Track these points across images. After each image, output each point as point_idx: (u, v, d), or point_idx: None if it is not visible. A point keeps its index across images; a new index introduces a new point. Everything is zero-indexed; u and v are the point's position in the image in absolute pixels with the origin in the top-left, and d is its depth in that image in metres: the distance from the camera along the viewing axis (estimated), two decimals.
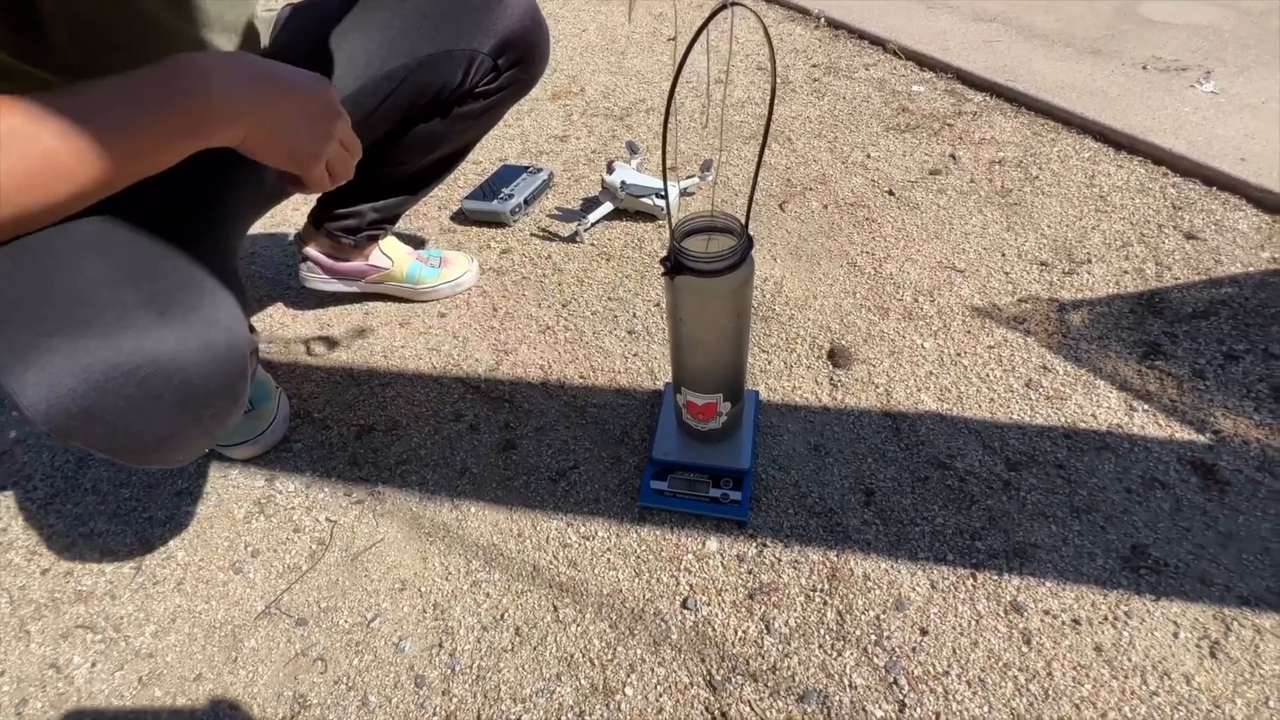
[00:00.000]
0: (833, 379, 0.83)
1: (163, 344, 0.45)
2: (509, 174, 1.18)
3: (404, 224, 1.15)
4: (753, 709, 0.57)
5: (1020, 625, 0.60)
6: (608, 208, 1.10)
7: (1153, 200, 1.04)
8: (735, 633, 0.62)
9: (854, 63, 1.48)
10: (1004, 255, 0.98)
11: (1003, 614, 0.61)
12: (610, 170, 1.09)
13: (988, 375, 0.82)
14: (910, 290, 0.94)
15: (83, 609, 0.68)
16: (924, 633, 0.61)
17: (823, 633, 0.61)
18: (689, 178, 1.14)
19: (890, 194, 1.11)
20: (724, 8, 0.45)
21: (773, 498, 0.72)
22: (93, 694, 0.62)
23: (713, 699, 0.58)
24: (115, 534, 0.75)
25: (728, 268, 0.57)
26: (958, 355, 0.85)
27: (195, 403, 0.47)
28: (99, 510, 0.77)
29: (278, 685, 0.62)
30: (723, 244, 0.58)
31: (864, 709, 0.57)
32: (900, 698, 0.57)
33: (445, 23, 0.71)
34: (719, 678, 0.59)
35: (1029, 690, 0.57)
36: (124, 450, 0.47)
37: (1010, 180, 1.11)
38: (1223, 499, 0.67)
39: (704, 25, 0.46)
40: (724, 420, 0.70)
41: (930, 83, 1.39)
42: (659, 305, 0.96)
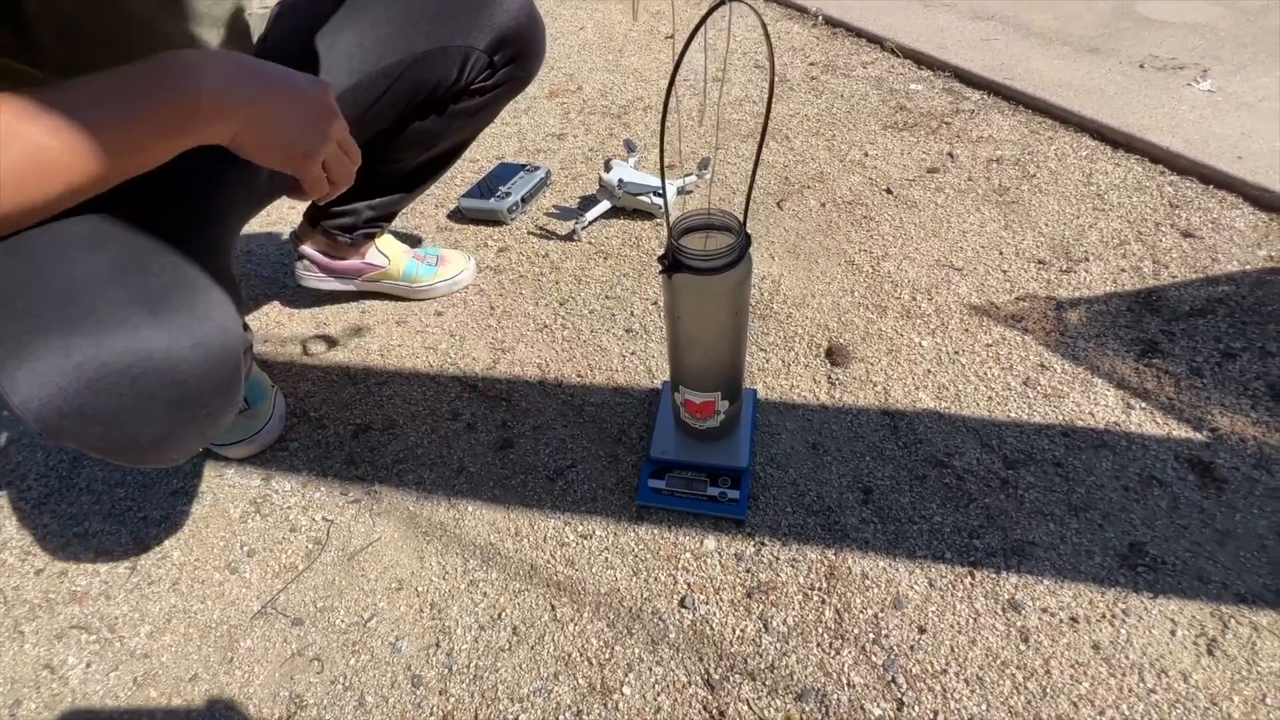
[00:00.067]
0: (831, 377, 0.83)
1: (155, 342, 0.44)
2: (506, 172, 1.17)
3: (401, 222, 1.14)
4: (751, 708, 0.57)
5: (1018, 623, 0.60)
6: (605, 206, 1.10)
7: (1150, 198, 1.04)
8: (733, 631, 0.62)
9: (852, 61, 1.48)
10: (1001, 253, 0.98)
11: (1001, 612, 0.61)
12: (608, 168, 1.08)
13: (986, 373, 0.82)
14: (908, 288, 0.94)
15: (77, 609, 0.68)
16: (922, 631, 0.61)
17: (821, 631, 0.61)
18: (687, 176, 1.14)
19: (888, 192, 1.11)
20: (721, 3, 0.45)
21: (771, 496, 0.72)
22: (87, 695, 0.62)
23: (711, 698, 0.58)
24: (110, 534, 0.74)
25: (725, 265, 0.57)
26: (956, 353, 0.85)
27: (188, 401, 0.47)
28: (94, 510, 0.77)
29: (274, 685, 0.61)
30: (720, 242, 0.58)
31: (862, 707, 0.57)
32: (898, 696, 0.57)
33: (440, 19, 0.71)
34: (717, 676, 0.59)
35: (1027, 688, 0.57)
36: (117, 449, 0.47)
37: (1008, 178, 1.11)
38: (1220, 497, 0.68)
39: (701, 21, 0.46)
40: (722, 419, 0.70)
41: (928, 81, 1.39)
42: (657, 303, 0.96)
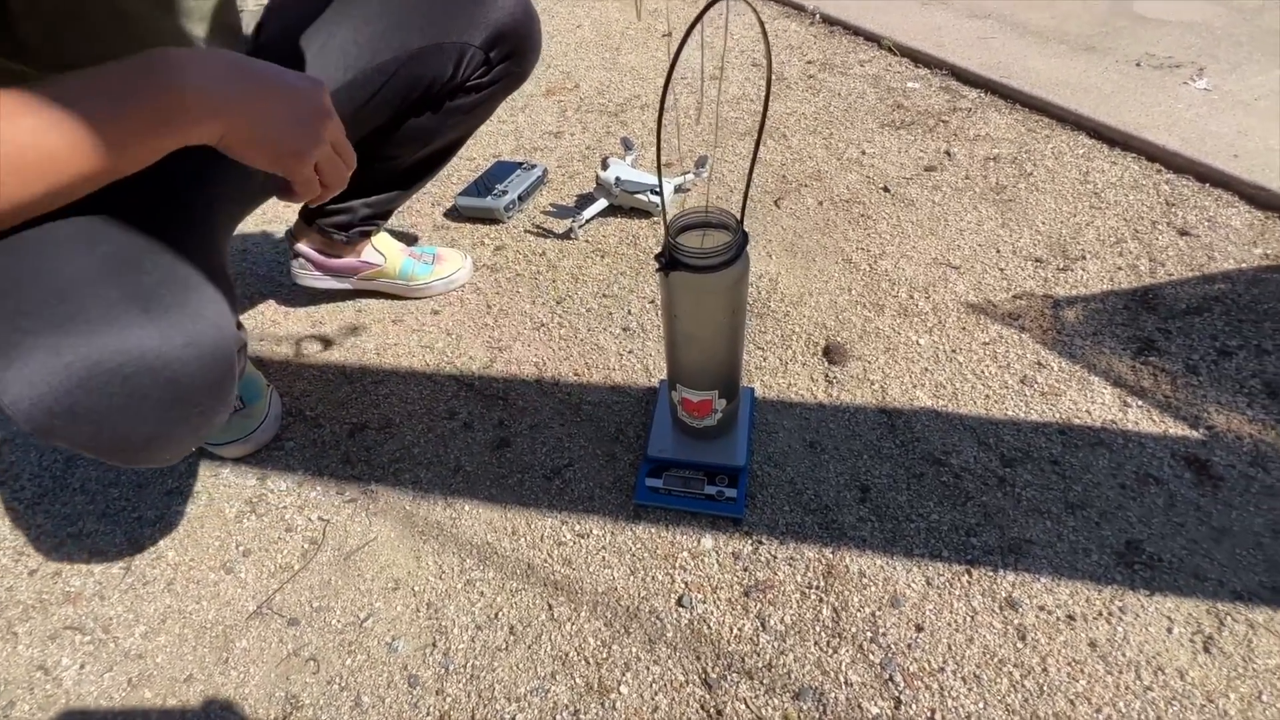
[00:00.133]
0: (828, 375, 0.83)
1: (147, 341, 0.44)
2: (503, 170, 1.17)
3: (397, 220, 1.14)
4: (748, 706, 0.57)
5: (1015, 621, 0.60)
6: (602, 204, 1.09)
7: (1146, 197, 1.04)
8: (731, 630, 0.62)
9: (849, 59, 1.48)
10: (999, 252, 0.98)
11: (998, 610, 0.61)
12: (605, 166, 1.08)
13: (983, 371, 0.82)
14: (905, 287, 0.94)
15: (71, 610, 0.68)
16: (919, 629, 0.61)
17: (818, 630, 0.61)
18: (684, 174, 1.13)
19: (885, 190, 1.11)
20: (716, 0, 0.45)
21: (768, 495, 0.71)
22: (81, 696, 0.61)
23: (708, 697, 0.58)
24: (104, 534, 0.74)
25: (723, 263, 0.56)
26: (953, 352, 0.85)
27: (181, 401, 0.47)
28: (87, 510, 0.76)
29: (269, 686, 0.61)
30: (718, 240, 0.58)
31: (859, 706, 0.57)
32: (896, 694, 0.57)
33: (435, 15, 0.71)
34: (714, 675, 0.59)
35: (1024, 686, 0.57)
36: (109, 449, 0.46)
37: (1005, 177, 1.11)
38: (1216, 494, 0.68)
39: (697, 19, 0.45)
40: (719, 417, 0.70)
41: (925, 79, 1.39)
42: (654, 302, 0.96)
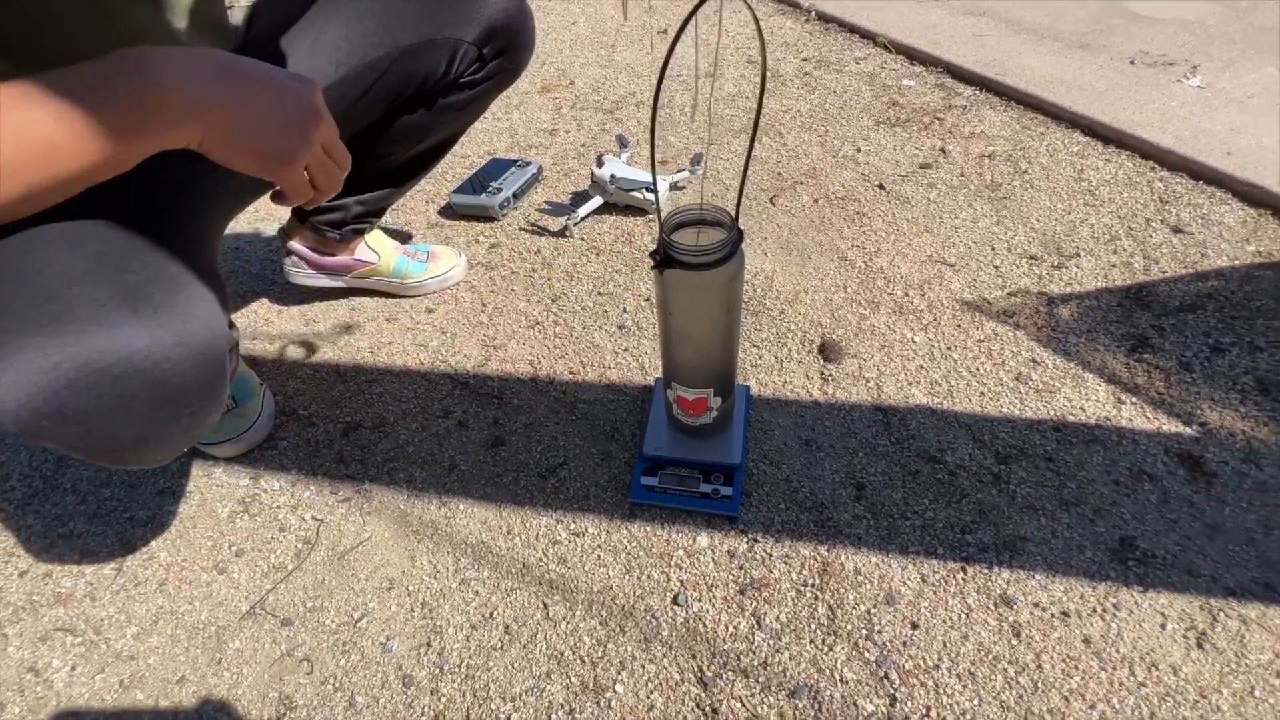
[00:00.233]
0: (823, 373, 0.83)
1: (136, 340, 0.43)
2: (497, 168, 1.16)
3: (391, 218, 1.13)
4: (744, 705, 0.57)
5: (1010, 618, 0.61)
6: (597, 202, 1.09)
7: (1140, 194, 1.05)
8: (726, 628, 0.62)
9: (844, 56, 1.48)
10: (994, 249, 0.98)
11: (993, 607, 0.61)
12: (600, 164, 1.08)
13: (978, 369, 0.82)
14: (901, 284, 0.94)
15: (62, 611, 0.67)
16: (915, 626, 0.61)
17: (814, 628, 0.61)
18: (679, 171, 1.13)
19: (881, 188, 1.11)
20: None
21: (764, 493, 0.71)
22: (72, 698, 0.61)
23: (704, 695, 0.58)
24: (95, 535, 0.73)
25: (717, 261, 0.56)
26: (948, 349, 0.85)
27: (172, 401, 0.46)
28: (78, 510, 0.76)
29: (263, 687, 0.61)
30: (713, 237, 0.57)
31: (855, 703, 0.57)
32: (891, 692, 0.57)
33: (428, 11, 0.70)
34: (710, 674, 0.59)
35: (1019, 683, 0.57)
36: (98, 451, 0.46)
37: (1000, 174, 1.11)
38: (1209, 491, 0.68)
39: (690, 15, 0.45)
40: (715, 415, 0.70)
41: (920, 77, 1.39)
42: (649, 300, 0.95)
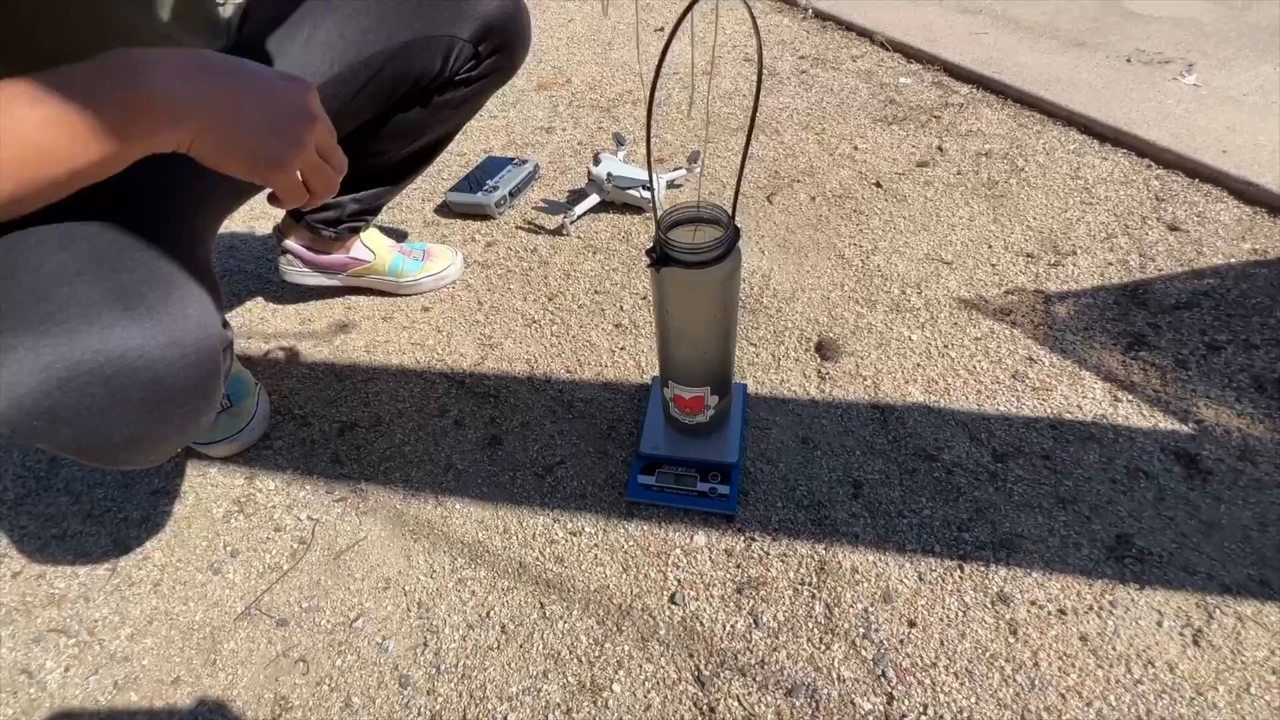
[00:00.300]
0: (821, 371, 0.83)
1: (129, 340, 0.43)
2: (494, 166, 1.16)
3: (386, 216, 1.13)
4: (741, 704, 0.57)
5: (1007, 616, 0.61)
6: (594, 200, 1.09)
7: (1136, 192, 1.05)
8: (723, 627, 0.62)
9: (841, 54, 1.48)
10: (990, 247, 0.98)
11: (990, 605, 0.61)
12: (596, 162, 1.07)
13: (975, 367, 0.82)
14: (898, 282, 0.94)
15: (55, 612, 0.67)
16: (912, 625, 0.61)
17: (811, 626, 0.61)
18: (676, 169, 1.13)
19: (878, 186, 1.11)
20: None
21: (761, 491, 0.71)
22: (66, 699, 0.61)
23: (701, 694, 0.58)
24: (89, 535, 0.73)
25: (714, 259, 0.56)
26: (945, 347, 0.85)
27: (165, 401, 0.46)
28: (72, 511, 0.75)
29: (258, 688, 0.60)
30: (709, 235, 0.57)
31: (852, 702, 0.57)
32: (888, 690, 0.57)
33: (424, 8, 0.70)
34: (707, 673, 0.59)
35: (1016, 680, 0.57)
36: (90, 451, 0.45)
37: (997, 172, 1.11)
38: (1205, 488, 0.68)
39: (685, 11, 0.45)
40: (712, 414, 0.70)
41: (917, 74, 1.39)
42: (646, 298, 0.95)
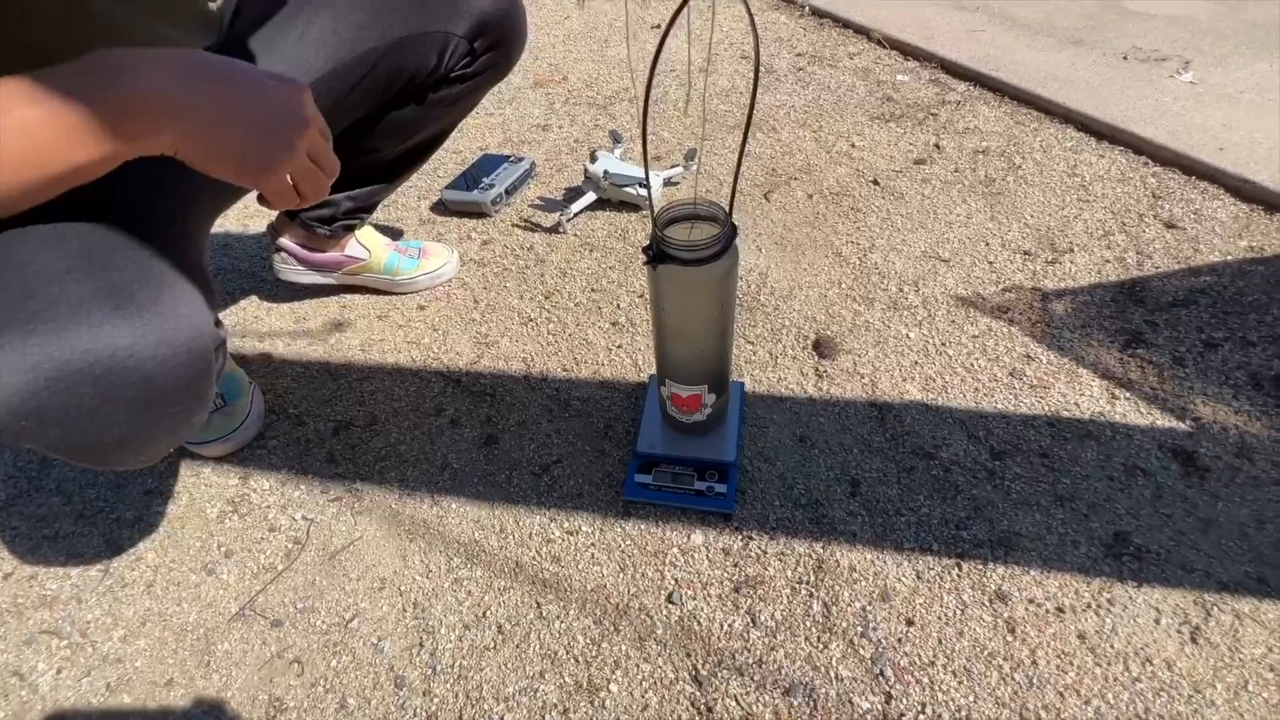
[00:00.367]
0: (818, 369, 0.83)
1: (119, 339, 0.42)
2: (490, 163, 1.15)
3: (382, 214, 1.12)
4: (739, 703, 0.57)
5: (1005, 614, 0.60)
6: (591, 198, 1.08)
7: (1133, 189, 1.05)
8: (721, 626, 0.61)
9: (838, 52, 1.48)
10: (988, 245, 0.98)
11: (988, 603, 0.61)
12: (593, 159, 1.07)
13: (972, 365, 0.82)
14: (895, 280, 0.94)
15: (47, 614, 0.66)
16: (910, 623, 0.60)
17: (809, 625, 0.61)
18: (673, 167, 1.12)
19: (875, 183, 1.11)
20: None
21: (758, 490, 0.71)
22: (58, 701, 0.60)
23: (698, 694, 0.58)
24: (81, 536, 0.72)
25: (711, 256, 0.56)
26: (942, 345, 0.84)
27: (156, 401, 0.45)
28: (64, 511, 0.74)
29: (252, 689, 0.60)
30: (706, 232, 0.57)
31: (850, 701, 0.56)
32: (887, 689, 0.57)
33: (417, 4, 0.69)
34: (705, 672, 0.59)
35: (1014, 679, 0.57)
36: (80, 452, 0.45)
37: (994, 170, 1.11)
38: (1202, 485, 0.68)
39: (680, 8, 0.44)
40: (709, 412, 0.69)
41: (914, 72, 1.39)
42: (643, 296, 0.95)
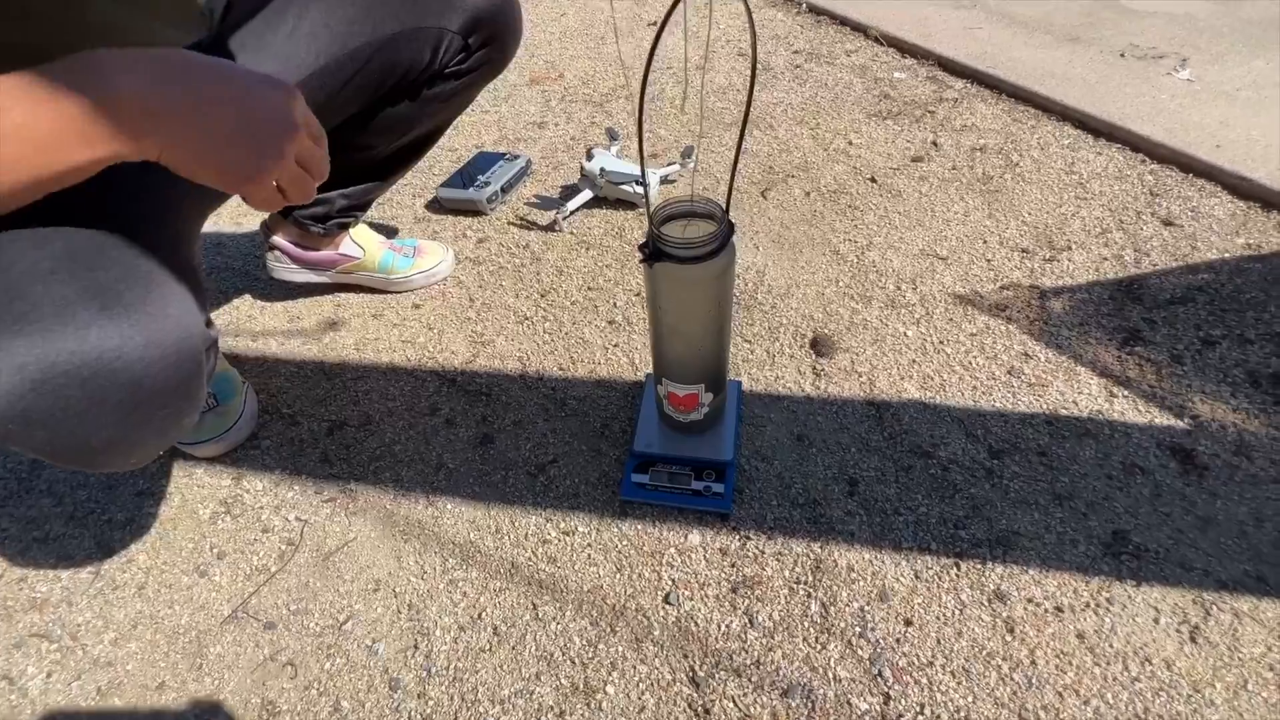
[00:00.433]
0: (816, 368, 0.82)
1: (106, 340, 0.42)
2: (486, 161, 1.15)
3: (376, 212, 1.11)
4: (736, 705, 0.56)
5: (1004, 614, 0.60)
6: (587, 195, 1.08)
7: (1131, 187, 1.04)
8: (718, 627, 0.61)
9: (835, 49, 1.47)
10: (985, 242, 0.98)
11: (986, 603, 0.61)
12: (589, 157, 1.06)
13: (970, 363, 0.81)
14: (893, 278, 0.93)
15: (37, 617, 0.65)
16: (908, 623, 0.60)
17: (807, 626, 0.61)
18: (670, 164, 1.12)
19: (872, 181, 1.10)
20: None
21: (756, 489, 0.71)
22: (48, 705, 0.59)
23: (696, 696, 0.57)
24: (72, 538, 0.71)
25: (708, 254, 0.55)
26: (940, 343, 0.84)
27: (144, 403, 0.44)
28: (54, 513, 0.74)
29: (245, 692, 0.59)
30: (703, 230, 0.56)
31: (849, 702, 0.56)
32: (885, 690, 0.56)
33: None
34: (702, 674, 0.58)
35: (1013, 679, 0.56)
36: (67, 455, 0.44)
37: (991, 167, 1.11)
38: (1201, 483, 0.68)
39: (674, 6, 0.44)
40: (706, 411, 0.69)
41: (912, 69, 1.38)
42: (640, 294, 0.94)
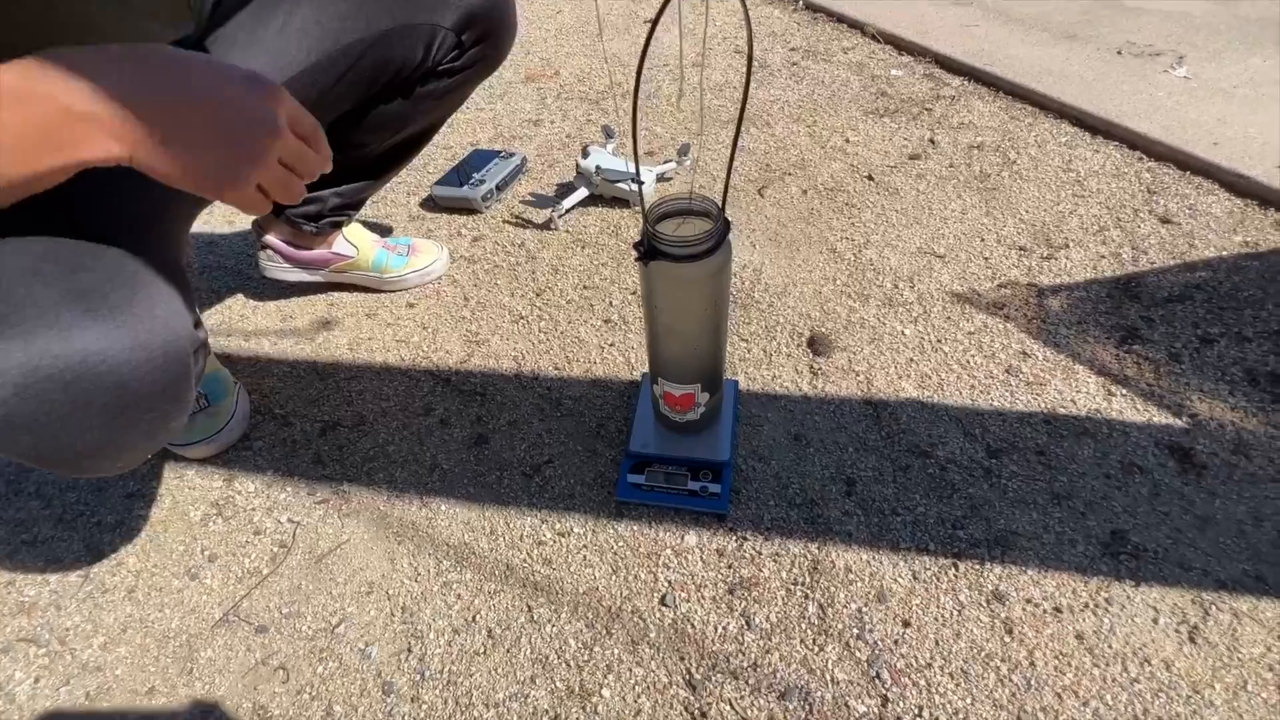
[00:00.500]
0: (813, 367, 0.82)
1: (90, 343, 0.41)
2: (480, 159, 1.14)
3: (370, 210, 1.11)
4: (733, 707, 0.56)
5: (1002, 614, 0.60)
6: (583, 193, 1.07)
7: (1128, 185, 1.04)
8: (715, 629, 0.61)
9: (832, 46, 1.46)
10: (983, 240, 0.97)
11: (985, 604, 0.61)
12: (585, 155, 1.06)
13: (968, 361, 0.81)
14: (890, 276, 0.93)
15: (25, 621, 0.65)
16: (906, 625, 0.60)
17: (804, 627, 0.60)
18: (666, 162, 1.11)
19: (870, 179, 1.10)
20: None
21: (753, 489, 0.70)
22: (36, 711, 0.59)
23: (692, 698, 0.57)
24: (61, 540, 0.70)
25: (704, 252, 0.54)
26: (938, 342, 0.84)
27: (130, 407, 0.44)
28: (43, 515, 0.73)
29: (237, 697, 0.59)
30: (699, 228, 0.56)
31: (847, 704, 0.56)
32: (883, 692, 0.56)
33: None
34: (699, 676, 0.58)
35: (1011, 680, 0.56)
36: (53, 459, 0.43)
37: (989, 165, 1.11)
38: (1199, 482, 0.67)
39: (666, 3, 0.43)
40: (702, 411, 0.68)
41: (909, 66, 1.38)
42: (636, 293, 0.93)
